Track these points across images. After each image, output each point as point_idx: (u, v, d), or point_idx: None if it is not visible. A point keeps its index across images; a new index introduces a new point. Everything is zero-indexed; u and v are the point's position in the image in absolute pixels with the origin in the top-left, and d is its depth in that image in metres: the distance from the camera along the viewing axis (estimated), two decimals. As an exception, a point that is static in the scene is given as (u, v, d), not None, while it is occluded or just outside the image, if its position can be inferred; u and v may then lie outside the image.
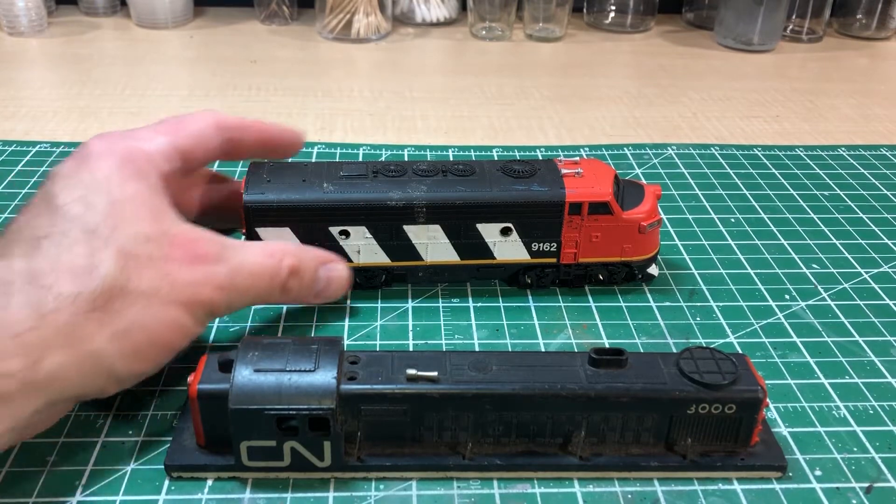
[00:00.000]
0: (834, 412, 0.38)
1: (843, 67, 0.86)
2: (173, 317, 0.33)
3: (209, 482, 0.33)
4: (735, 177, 0.60)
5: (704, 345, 0.41)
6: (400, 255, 0.44)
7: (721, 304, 0.45)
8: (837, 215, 0.55)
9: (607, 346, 0.39)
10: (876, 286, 0.47)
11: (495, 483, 0.33)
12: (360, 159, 0.61)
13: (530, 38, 0.92)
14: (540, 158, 0.54)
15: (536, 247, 0.44)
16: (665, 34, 0.95)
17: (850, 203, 0.57)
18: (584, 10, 0.98)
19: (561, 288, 0.46)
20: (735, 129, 0.69)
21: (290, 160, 0.44)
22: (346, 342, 0.41)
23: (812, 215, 0.55)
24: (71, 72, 0.78)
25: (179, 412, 0.36)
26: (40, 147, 0.61)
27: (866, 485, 0.34)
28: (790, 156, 0.64)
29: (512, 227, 0.43)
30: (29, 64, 0.80)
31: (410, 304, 0.44)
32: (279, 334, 0.42)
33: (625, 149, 0.64)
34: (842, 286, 0.47)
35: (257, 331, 0.42)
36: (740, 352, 0.38)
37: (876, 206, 0.56)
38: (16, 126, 0.65)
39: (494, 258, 0.44)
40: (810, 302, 0.46)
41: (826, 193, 0.58)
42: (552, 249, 0.44)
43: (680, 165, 0.61)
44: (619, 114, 0.72)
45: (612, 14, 0.96)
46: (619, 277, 0.46)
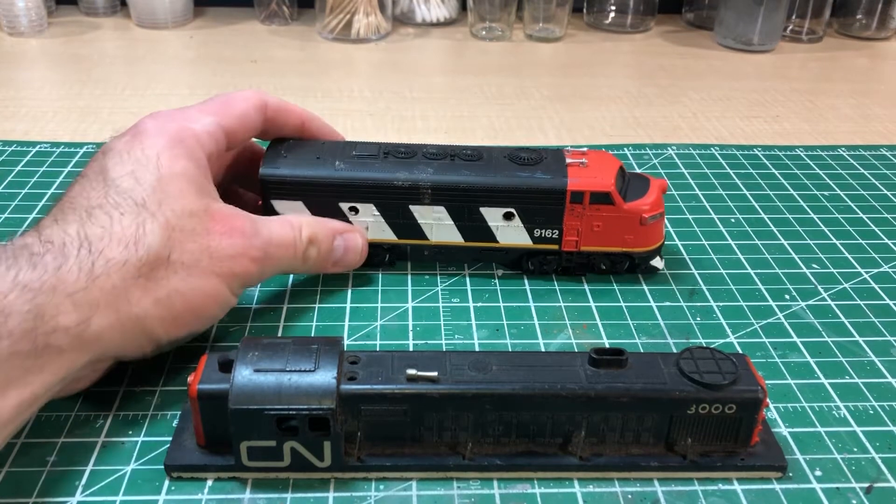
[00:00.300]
0: (834, 412, 0.38)
1: (843, 67, 0.86)
2: (212, 287, 0.36)
3: (209, 482, 0.33)
4: (735, 177, 0.60)
5: (704, 345, 0.41)
6: (406, 234, 0.45)
7: (721, 304, 0.45)
8: (837, 215, 0.55)
9: (607, 346, 0.39)
10: (876, 286, 0.47)
11: (495, 483, 0.33)
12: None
13: (530, 38, 0.92)
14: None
15: (538, 233, 0.45)
16: (665, 34, 0.95)
17: (850, 203, 0.57)
18: (584, 10, 0.98)
19: (563, 276, 0.46)
20: (735, 129, 0.69)
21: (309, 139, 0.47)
22: (346, 342, 0.41)
23: (812, 215, 0.55)
24: (71, 72, 0.78)
25: (179, 412, 0.36)
26: (40, 147, 0.61)
27: (866, 485, 0.34)
28: (790, 156, 0.64)
29: (514, 213, 0.44)
30: (29, 64, 0.80)
31: (410, 304, 0.44)
32: (279, 334, 0.42)
33: (625, 149, 0.64)
34: (842, 286, 0.47)
35: (257, 331, 0.42)
36: (740, 352, 0.38)
37: (876, 206, 0.56)
38: (16, 126, 0.65)
39: (497, 242, 0.45)
40: (810, 302, 0.46)
41: (826, 193, 0.58)
42: (554, 236, 0.45)
43: (680, 165, 0.61)
44: (619, 114, 0.72)
45: (612, 14, 0.96)
46: (622, 268, 0.46)
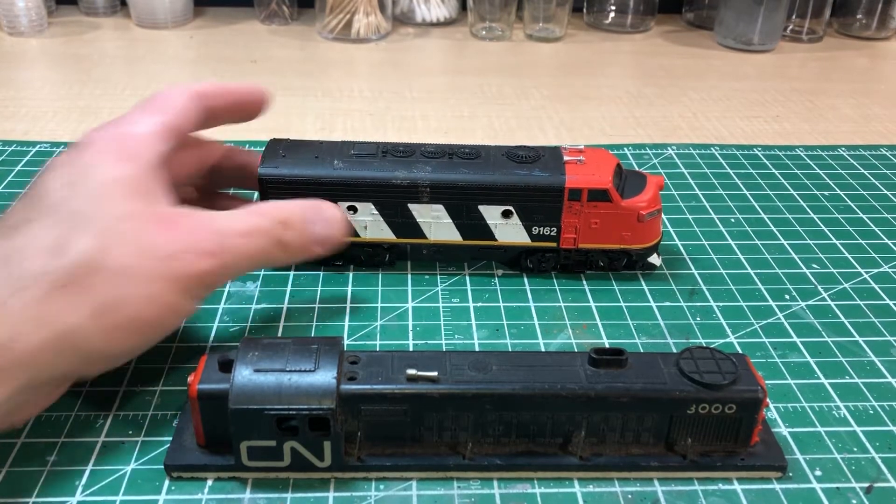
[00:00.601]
0: (834, 412, 0.38)
1: (843, 67, 0.86)
2: (156, 292, 0.32)
3: (209, 482, 0.33)
4: (735, 177, 0.60)
5: (704, 345, 0.41)
6: (405, 233, 0.45)
7: (721, 304, 0.45)
8: (837, 215, 0.55)
9: (607, 346, 0.39)
10: (876, 286, 0.47)
11: (495, 483, 0.33)
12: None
13: (530, 38, 0.92)
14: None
15: (536, 230, 0.45)
16: (665, 34, 0.95)
17: (850, 203, 0.57)
18: (584, 10, 0.98)
19: (562, 275, 0.47)
20: (735, 129, 0.69)
21: (308, 139, 0.46)
22: (346, 342, 0.41)
23: (812, 215, 0.55)
24: (71, 72, 0.78)
25: (179, 412, 0.36)
26: (40, 147, 0.61)
27: (866, 485, 0.34)
28: (790, 156, 0.64)
29: (512, 210, 0.44)
30: (29, 64, 0.80)
31: (410, 305, 0.44)
32: (279, 334, 0.42)
33: (625, 149, 0.64)
34: (842, 286, 0.47)
35: (257, 331, 0.42)
36: (740, 352, 0.38)
37: (876, 206, 0.56)
38: (16, 126, 0.65)
39: (496, 240, 0.45)
40: (810, 302, 0.46)
41: (826, 193, 0.58)
42: (552, 234, 0.45)
43: (680, 165, 0.61)
44: (619, 114, 0.72)
45: (612, 14, 0.96)
46: (619, 265, 0.46)
